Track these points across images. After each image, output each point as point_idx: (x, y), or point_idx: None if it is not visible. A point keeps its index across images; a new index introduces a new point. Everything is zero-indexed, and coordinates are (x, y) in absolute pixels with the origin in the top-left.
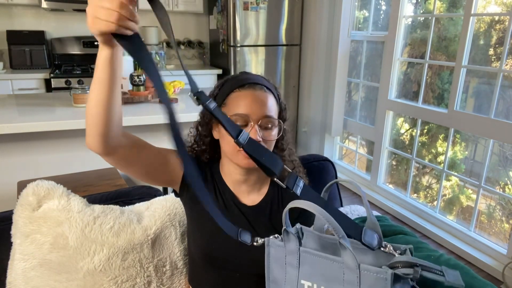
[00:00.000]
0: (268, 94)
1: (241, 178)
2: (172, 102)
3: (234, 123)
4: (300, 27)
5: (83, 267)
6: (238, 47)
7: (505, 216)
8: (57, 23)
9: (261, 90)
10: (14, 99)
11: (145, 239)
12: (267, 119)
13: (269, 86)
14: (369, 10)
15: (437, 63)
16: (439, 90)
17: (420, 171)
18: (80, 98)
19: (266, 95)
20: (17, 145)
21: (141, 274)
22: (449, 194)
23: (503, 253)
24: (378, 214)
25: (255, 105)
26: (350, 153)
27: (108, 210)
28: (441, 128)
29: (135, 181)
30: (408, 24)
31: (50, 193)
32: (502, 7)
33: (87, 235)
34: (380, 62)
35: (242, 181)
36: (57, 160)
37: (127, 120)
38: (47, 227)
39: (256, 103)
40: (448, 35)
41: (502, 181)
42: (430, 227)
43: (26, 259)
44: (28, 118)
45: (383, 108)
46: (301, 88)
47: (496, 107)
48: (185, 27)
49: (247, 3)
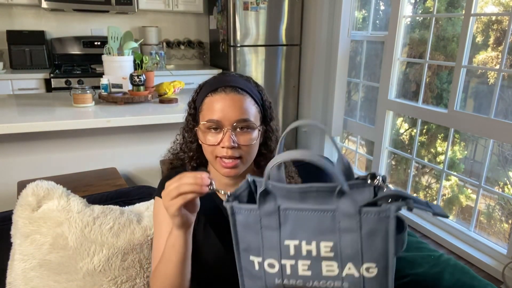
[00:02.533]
0: (243, 96)
1: (229, 183)
2: (173, 102)
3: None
4: (300, 27)
5: (82, 268)
6: (238, 47)
7: (505, 216)
8: (57, 23)
9: (234, 92)
10: (14, 99)
11: (145, 240)
12: (242, 123)
13: (244, 87)
14: (368, 10)
15: (437, 63)
16: (438, 90)
17: (420, 171)
18: (80, 98)
19: (240, 97)
20: (17, 145)
21: (140, 275)
22: (448, 194)
23: (503, 253)
24: None
25: (227, 109)
26: (350, 153)
27: (107, 211)
28: (440, 128)
29: (135, 181)
30: (408, 24)
31: (50, 193)
32: (500, 7)
33: (86, 235)
34: (379, 62)
35: (231, 185)
36: (57, 160)
37: (127, 120)
38: (47, 228)
39: (228, 107)
40: (446, 35)
41: (501, 181)
42: (430, 227)
43: (26, 259)
44: (28, 118)
45: (383, 108)
46: (301, 88)
47: (496, 107)
48: (185, 27)
49: (247, 3)
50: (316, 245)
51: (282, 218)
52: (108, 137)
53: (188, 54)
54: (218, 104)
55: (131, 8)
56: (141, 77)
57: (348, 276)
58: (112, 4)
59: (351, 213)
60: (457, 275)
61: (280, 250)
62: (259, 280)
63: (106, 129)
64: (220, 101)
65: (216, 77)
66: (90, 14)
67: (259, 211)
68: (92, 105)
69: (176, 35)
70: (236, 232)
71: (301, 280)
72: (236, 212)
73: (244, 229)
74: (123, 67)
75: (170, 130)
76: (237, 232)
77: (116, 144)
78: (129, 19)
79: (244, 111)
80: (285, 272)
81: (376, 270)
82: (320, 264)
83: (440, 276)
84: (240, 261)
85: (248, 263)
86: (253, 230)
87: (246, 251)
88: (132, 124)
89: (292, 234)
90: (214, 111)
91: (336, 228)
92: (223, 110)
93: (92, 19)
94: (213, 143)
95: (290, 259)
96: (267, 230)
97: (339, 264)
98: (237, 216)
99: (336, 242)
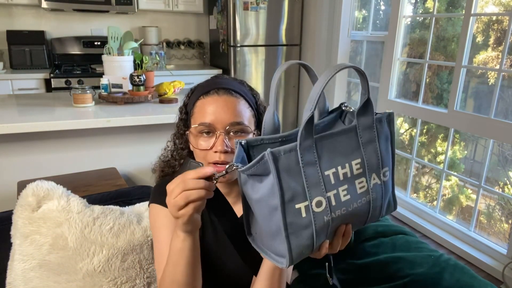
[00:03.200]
0: (237, 98)
1: (223, 191)
2: (172, 102)
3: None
4: (300, 27)
5: (82, 268)
6: (238, 47)
7: (505, 216)
8: (57, 23)
9: (227, 94)
10: (14, 99)
11: (145, 240)
12: (236, 126)
13: (238, 90)
14: (368, 10)
15: (438, 63)
16: (438, 90)
17: (420, 171)
18: (80, 98)
19: (234, 99)
20: (17, 145)
21: (140, 275)
22: (448, 194)
23: (503, 253)
24: None
25: (220, 112)
26: None
27: (107, 211)
28: (440, 128)
29: (135, 181)
30: (408, 24)
31: (50, 193)
32: (500, 7)
33: (86, 236)
34: (379, 62)
35: (226, 194)
36: (57, 160)
37: (127, 120)
38: (47, 228)
39: (220, 109)
40: (446, 35)
41: (501, 181)
42: (430, 227)
43: (26, 259)
44: (28, 118)
45: (383, 108)
46: (301, 88)
47: (496, 107)
48: (185, 27)
49: (247, 3)
50: (349, 166)
51: (319, 150)
52: (108, 137)
53: (188, 54)
54: (210, 107)
55: (131, 8)
56: (141, 77)
57: (374, 186)
58: (112, 4)
59: (369, 124)
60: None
61: (324, 183)
62: (306, 230)
63: (106, 129)
64: (212, 103)
65: (208, 80)
66: (90, 14)
67: (299, 149)
68: (92, 105)
69: (176, 35)
70: (280, 182)
71: (344, 208)
72: (278, 156)
73: (287, 174)
74: (123, 67)
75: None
76: (281, 180)
77: (116, 144)
78: (129, 19)
79: (238, 113)
80: (332, 204)
81: (389, 173)
82: (354, 184)
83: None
84: (286, 217)
85: (294, 216)
86: (295, 172)
87: (291, 201)
88: (132, 124)
89: (329, 163)
90: (206, 114)
91: (359, 144)
92: (216, 112)
93: (92, 19)
94: (205, 148)
95: (333, 189)
96: (308, 167)
97: (367, 178)
98: (280, 162)
99: (362, 157)
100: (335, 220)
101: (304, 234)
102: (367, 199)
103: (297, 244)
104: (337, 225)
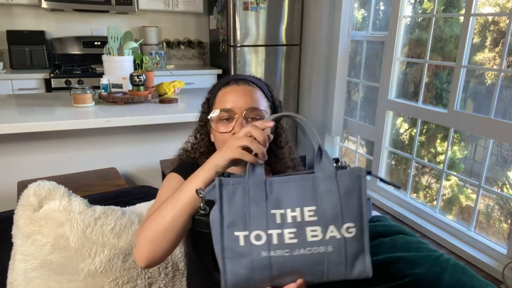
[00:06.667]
0: (253, 88)
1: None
2: (172, 102)
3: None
4: (300, 27)
5: (84, 268)
6: (238, 47)
7: (504, 216)
8: (57, 23)
9: (245, 84)
10: (14, 99)
11: None
12: (253, 111)
13: (255, 82)
14: (368, 10)
15: (438, 63)
16: (438, 90)
17: (420, 171)
18: (80, 98)
19: (251, 88)
20: (17, 145)
21: (142, 276)
22: (448, 194)
23: (503, 253)
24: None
25: (238, 98)
26: (350, 153)
27: (109, 211)
28: (440, 128)
29: (135, 181)
30: (408, 24)
31: (52, 193)
32: (496, 8)
33: (88, 236)
34: (379, 62)
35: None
36: (57, 160)
37: (127, 120)
38: (48, 228)
39: (239, 96)
40: (443, 35)
41: (500, 180)
42: (430, 227)
43: (27, 259)
44: (28, 118)
45: (383, 108)
46: (301, 88)
47: (495, 107)
48: (185, 27)
49: (247, 3)
50: (301, 211)
51: (268, 189)
52: (108, 137)
53: (188, 54)
54: (230, 95)
55: (131, 8)
56: (141, 77)
57: (331, 239)
58: (112, 4)
59: (329, 175)
60: (457, 275)
61: (267, 219)
62: (243, 258)
63: (106, 129)
64: (232, 91)
65: (227, 76)
66: (90, 14)
67: (247, 183)
68: (92, 105)
69: (176, 35)
70: (221, 206)
71: (287, 250)
72: (224, 184)
73: (230, 202)
74: (123, 67)
75: (170, 130)
76: (222, 206)
77: (116, 144)
78: (129, 19)
79: (255, 100)
80: (272, 242)
81: (355, 230)
82: (304, 230)
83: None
84: (223, 241)
85: (232, 241)
86: (239, 203)
87: (230, 226)
88: (132, 124)
89: (278, 203)
90: (226, 101)
91: (317, 193)
92: (235, 99)
93: (92, 19)
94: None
95: (277, 228)
96: (254, 201)
97: (322, 228)
98: (224, 189)
99: (319, 206)
100: (275, 259)
101: (241, 263)
102: (319, 249)
103: (233, 270)
104: (283, 269)
